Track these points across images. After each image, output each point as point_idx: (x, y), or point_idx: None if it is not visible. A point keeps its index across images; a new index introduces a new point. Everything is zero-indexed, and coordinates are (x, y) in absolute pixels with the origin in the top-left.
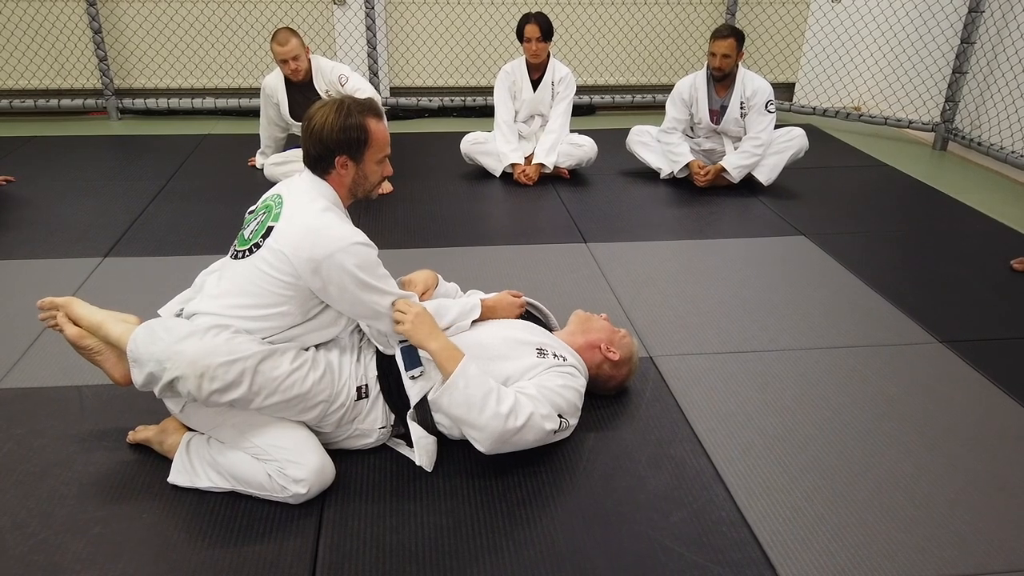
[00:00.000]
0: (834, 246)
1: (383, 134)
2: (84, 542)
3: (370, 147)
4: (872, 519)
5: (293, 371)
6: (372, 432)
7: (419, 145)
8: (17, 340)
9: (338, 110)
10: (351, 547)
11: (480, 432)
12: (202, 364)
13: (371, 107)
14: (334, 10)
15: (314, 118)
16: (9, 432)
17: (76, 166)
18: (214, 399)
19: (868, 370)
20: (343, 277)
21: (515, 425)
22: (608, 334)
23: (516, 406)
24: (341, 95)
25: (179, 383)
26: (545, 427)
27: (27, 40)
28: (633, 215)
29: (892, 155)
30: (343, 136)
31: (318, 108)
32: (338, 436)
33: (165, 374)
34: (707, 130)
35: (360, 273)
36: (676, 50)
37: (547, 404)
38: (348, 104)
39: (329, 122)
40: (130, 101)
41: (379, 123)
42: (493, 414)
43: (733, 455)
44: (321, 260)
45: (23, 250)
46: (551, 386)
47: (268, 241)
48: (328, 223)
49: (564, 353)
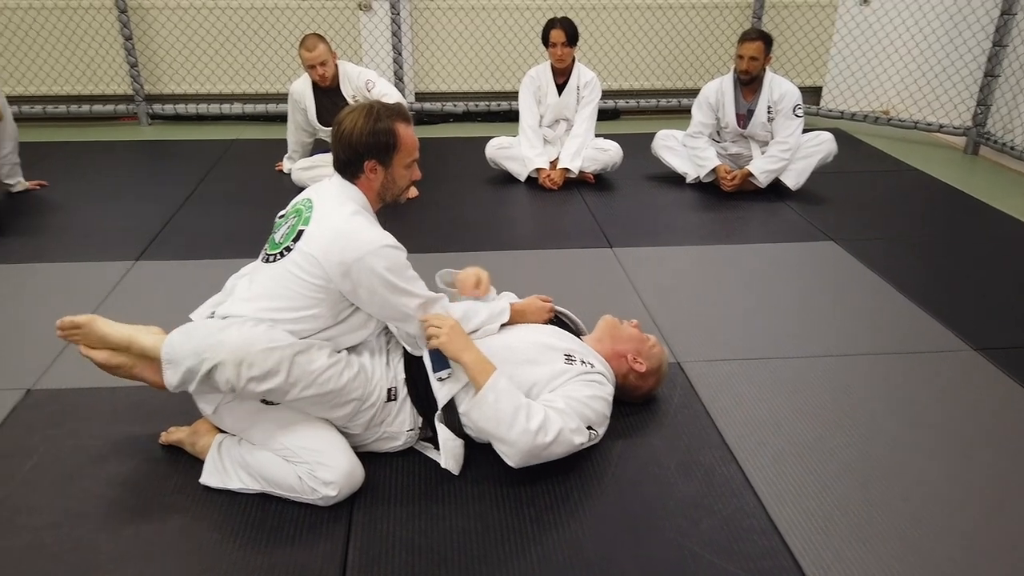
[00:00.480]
0: (864, 251)
1: (411, 138)
2: (118, 542)
3: (399, 151)
4: (906, 528)
5: (329, 366)
6: (400, 435)
7: (444, 150)
8: (51, 342)
9: (367, 115)
10: (380, 550)
11: (509, 447)
12: (241, 351)
13: (400, 112)
14: (360, 16)
15: (344, 123)
16: (44, 433)
17: (107, 171)
18: (251, 387)
19: (900, 377)
20: (373, 280)
21: (544, 441)
22: (636, 344)
23: (546, 422)
24: (369, 100)
25: (218, 371)
26: (574, 441)
27: (60, 47)
28: (659, 219)
29: (922, 159)
30: (372, 140)
31: (348, 113)
32: (367, 438)
33: (204, 364)
34: (734, 134)
35: (389, 276)
36: (702, 54)
37: (576, 417)
38: (377, 109)
39: (359, 127)
40: (160, 107)
41: (407, 127)
42: (523, 430)
43: (763, 462)
44: (351, 263)
45: (57, 254)
46: (579, 397)
47: (299, 244)
48: (358, 226)
49: (592, 360)
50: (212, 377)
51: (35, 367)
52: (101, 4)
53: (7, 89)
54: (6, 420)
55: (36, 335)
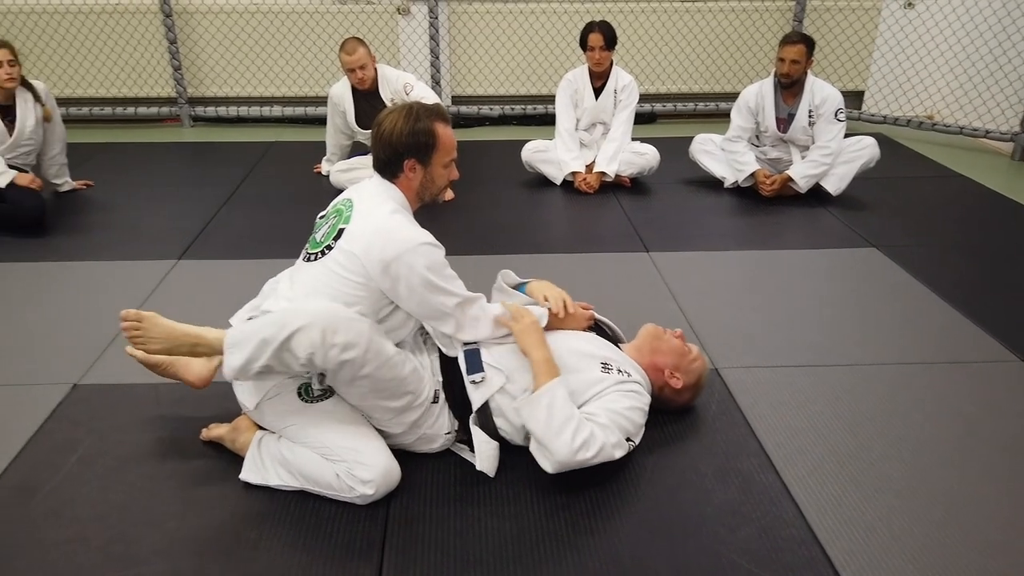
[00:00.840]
0: (907, 259)
1: (450, 138)
2: (160, 535)
3: (437, 151)
4: (951, 542)
5: (396, 354)
6: (438, 437)
7: (480, 153)
8: (97, 338)
9: (407, 115)
10: (416, 551)
11: (550, 454)
12: (327, 317)
13: (438, 112)
14: (399, 20)
15: (384, 123)
16: (90, 426)
17: (151, 172)
18: (332, 355)
19: (945, 387)
20: (412, 277)
21: (584, 456)
22: (676, 358)
23: (590, 439)
24: (408, 102)
25: (300, 335)
26: (614, 455)
27: (107, 51)
28: (696, 224)
29: (968, 165)
30: (411, 140)
31: (387, 114)
32: (406, 440)
33: (284, 330)
34: (773, 139)
35: (428, 273)
36: (741, 58)
37: (617, 431)
38: (416, 109)
39: (398, 127)
40: (202, 109)
41: (446, 127)
42: (566, 442)
43: (803, 471)
44: (391, 261)
45: (102, 252)
46: (618, 409)
47: (339, 243)
48: (397, 224)
49: (628, 368)
50: (289, 345)
51: (81, 363)
52: (147, 9)
53: (56, 91)
54: (52, 414)
55: (81, 331)
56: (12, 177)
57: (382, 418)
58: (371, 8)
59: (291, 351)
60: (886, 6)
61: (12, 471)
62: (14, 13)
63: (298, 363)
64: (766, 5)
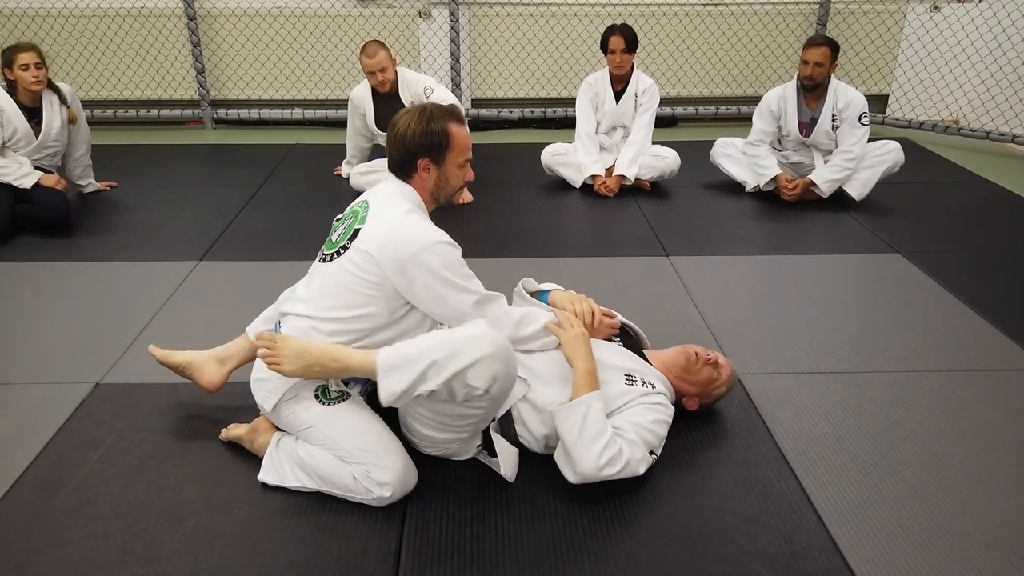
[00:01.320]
0: (932, 265)
1: (464, 138)
2: (179, 533)
3: (451, 150)
4: (974, 553)
5: None
6: (471, 449)
7: (499, 156)
8: (119, 338)
9: (421, 115)
10: (432, 553)
11: (575, 465)
12: (506, 347)
13: (453, 112)
14: (419, 23)
15: (398, 124)
16: (112, 425)
17: (173, 173)
18: (506, 387)
19: (970, 396)
20: (428, 276)
21: (609, 472)
22: (701, 389)
23: (617, 456)
24: (423, 103)
25: (481, 366)
26: (638, 471)
27: (131, 54)
28: (717, 228)
29: (994, 170)
30: (425, 140)
31: (402, 114)
32: (446, 448)
33: (459, 360)
34: (796, 143)
35: (445, 271)
36: (763, 61)
37: (643, 446)
38: (431, 110)
39: (412, 127)
40: (224, 111)
41: (460, 127)
42: (594, 456)
43: (823, 479)
44: (406, 259)
45: (125, 252)
46: (644, 423)
47: (355, 243)
48: (412, 223)
49: (652, 379)
50: (466, 374)
51: (103, 362)
52: (171, 12)
53: (81, 94)
54: (75, 412)
55: (104, 331)
56: (38, 178)
57: (437, 435)
58: (392, 11)
59: (468, 380)
60: (911, 9)
61: (35, 468)
62: (41, 16)
63: (470, 393)
64: (789, 8)
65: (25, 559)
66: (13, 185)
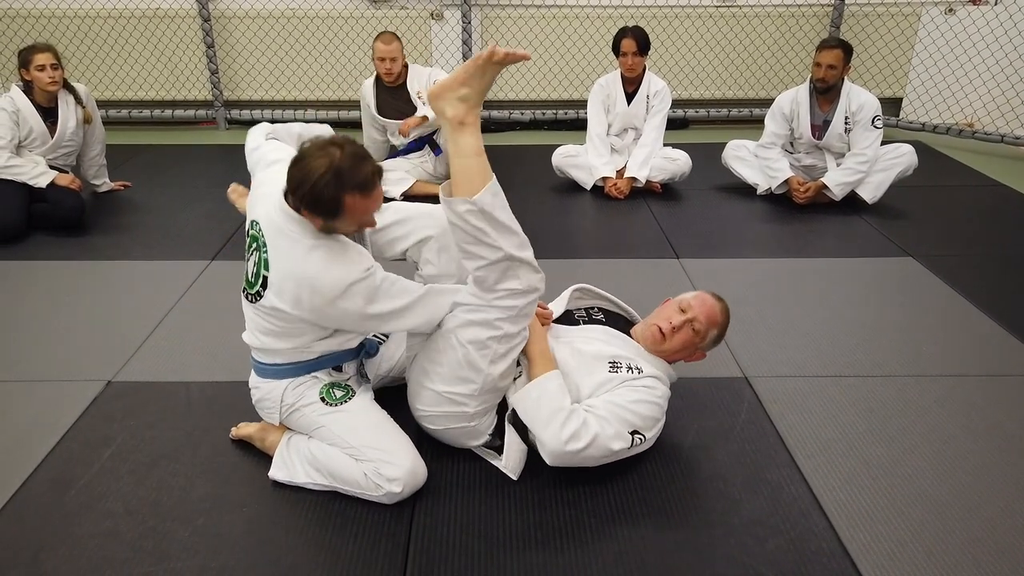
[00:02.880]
0: (945, 268)
1: (361, 210)
2: (189, 531)
3: (342, 218)
4: (986, 559)
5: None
6: (483, 434)
7: (510, 157)
8: (132, 336)
9: (325, 171)
10: (440, 552)
11: (542, 446)
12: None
13: (359, 179)
14: (432, 25)
15: (305, 162)
16: (124, 423)
17: (186, 173)
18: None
19: (982, 401)
20: (353, 316)
21: (575, 447)
22: (688, 349)
23: (580, 429)
24: (344, 143)
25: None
26: (612, 447)
27: (146, 54)
28: (728, 231)
29: (1009, 174)
30: (312, 200)
31: (314, 153)
32: (464, 423)
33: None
34: (808, 145)
35: (369, 308)
36: (776, 64)
37: (616, 423)
38: (337, 167)
39: (310, 179)
40: (237, 112)
41: (360, 199)
42: (553, 434)
43: (833, 483)
44: (324, 308)
45: (138, 252)
46: (622, 402)
47: (267, 295)
48: (318, 268)
49: (640, 364)
50: (520, 266)
51: (115, 360)
52: (185, 13)
53: (96, 94)
54: (87, 410)
55: (116, 329)
56: (53, 177)
57: (448, 389)
58: (404, 13)
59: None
60: (926, 11)
61: (48, 465)
62: (58, 17)
63: (511, 276)
64: (803, 10)
65: (37, 555)
66: (28, 184)
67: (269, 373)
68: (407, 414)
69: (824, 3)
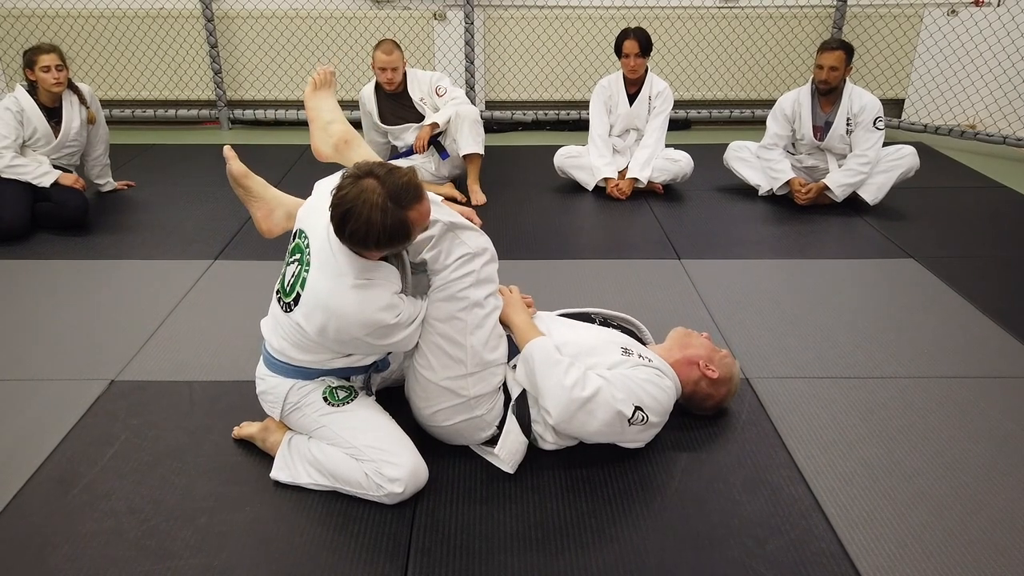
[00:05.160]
0: (946, 270)
1: (423, 216)
2: (192, 530)
3: (414, 234)
4: (986, 559)
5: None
6: (489, 427)
7: (512, 158)
8: (135, 336)
9: (383, 206)
10: (441, 552)
11: (547, 400)
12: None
13: (411, 195)
14: (435, 25)
15: (356, 211)
16: (126, 422)
17: (190, 173)
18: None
19: (983, 402)
20: (371, 348)
21: (581, 395)
22: (708, 352)
23: (583, 378)
24: (366, 171)
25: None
26: (616, 407)
27: (149, 54)
28: (729, 232)
29: (1011, 176)
30: (386, 238)
31: (360, 200)
32: (468, 412)
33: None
34: (810, 147)
35: (387, 341)
36: (778, 65)
37: (623, 389)
38: (388, 195)
39: (375, 223)
40: (240, 112)
41: (420, 207)
42: (556, 383)
43: (834, 484)
44: (346, 340)
45: (141, 251)
46: (631, 376)
47: (296, 312)
48: (353, 309)
49: (651, 356)
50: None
51: (118, 359)
52: (189, 13)
53: (100, 94)
54: (90, 409)
55: (120, 329)
56: (57, 177)
57: (444, 374)
58: (407, 14)
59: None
60: (928, 13)
61: (51, 463)
62: (62, 17)
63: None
64: (805, 11)
65: (40, 553)
66: (32, 184)
67: (278, 369)
68: (408, 414)
69: (826, 4)
